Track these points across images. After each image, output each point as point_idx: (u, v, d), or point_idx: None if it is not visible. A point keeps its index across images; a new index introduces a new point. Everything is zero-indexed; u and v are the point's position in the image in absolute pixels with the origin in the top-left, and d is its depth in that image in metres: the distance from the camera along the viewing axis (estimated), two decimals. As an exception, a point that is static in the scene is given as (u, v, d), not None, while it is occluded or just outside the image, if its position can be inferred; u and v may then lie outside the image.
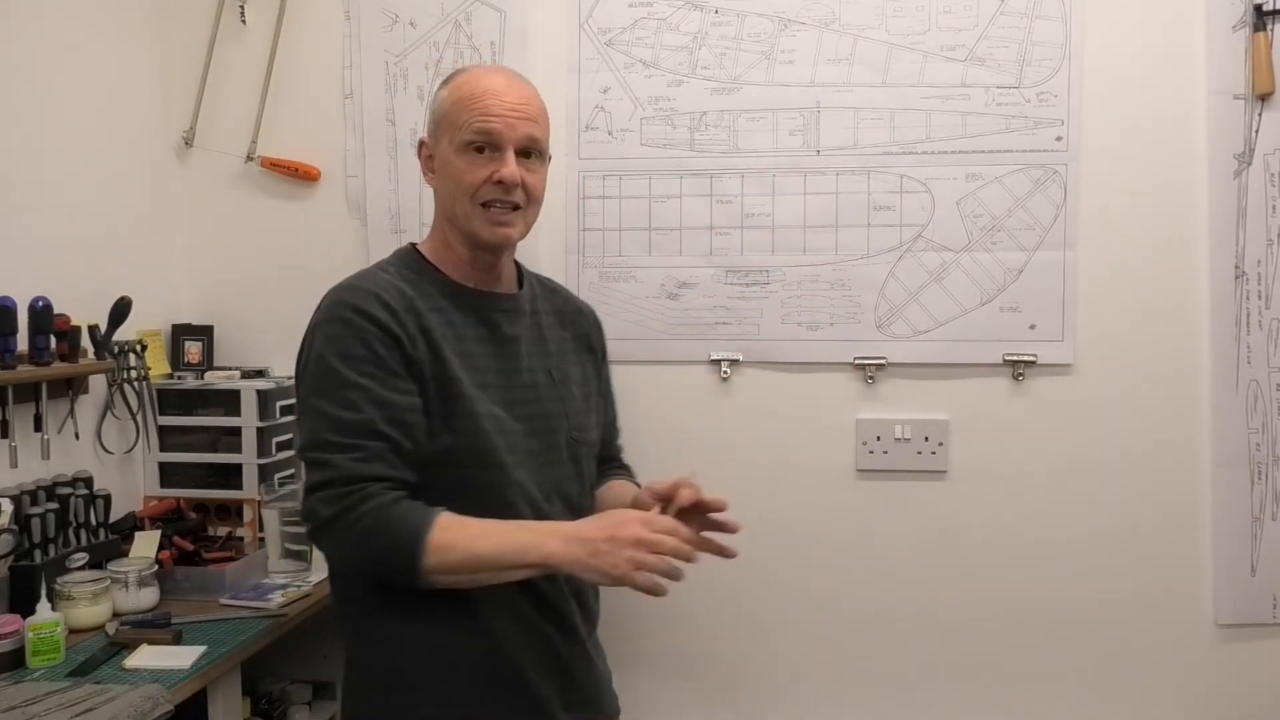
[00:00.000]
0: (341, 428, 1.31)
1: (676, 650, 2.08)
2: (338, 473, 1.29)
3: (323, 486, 1.30)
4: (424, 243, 1.50)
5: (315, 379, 1.35)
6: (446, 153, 1.43)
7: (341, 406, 1.31)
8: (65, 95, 1.91)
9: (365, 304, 1.35)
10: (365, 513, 1.28)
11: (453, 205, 1.44)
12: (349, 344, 1.34)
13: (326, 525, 1.30)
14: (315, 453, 1.31)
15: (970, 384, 1.99)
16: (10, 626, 1.52)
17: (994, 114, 1.94)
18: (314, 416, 1.33)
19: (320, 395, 1.33)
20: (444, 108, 1.44)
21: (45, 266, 1.83)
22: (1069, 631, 1.99)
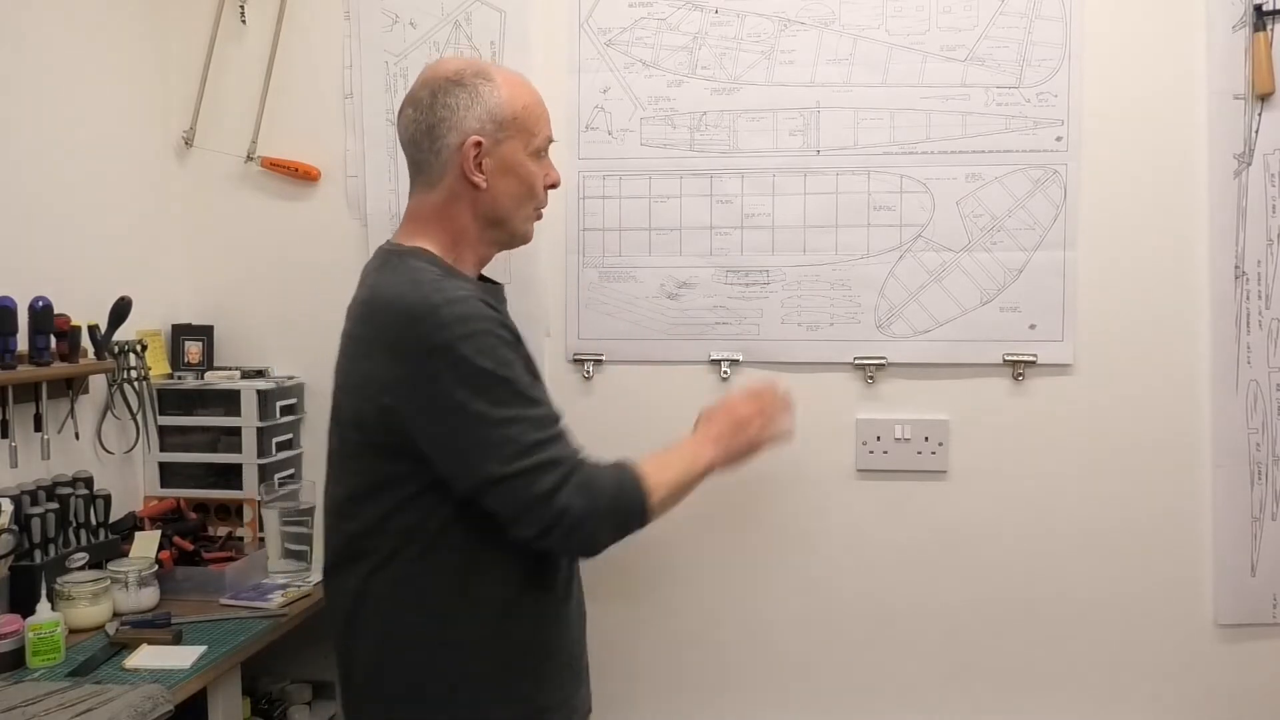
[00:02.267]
0: (542, 423, 1.33)
1: (674, 650, 2.08)
2: (567, 464, 1.33)
3: (563, 482, 1.31)
4: (422, 243, 1.45)
5: (494, 391, 1.30)
6: (517, 155, 1.45)
7: (531, 405, 1.33)
8: (65, 95, 1.91)
9: (486, 311, 1.35)
10: (602, 483, 1.35)
11: (515, 207, 1.47)
12: (500, 351, 1.33)
13: (586, 516, 1.32)
14: (532, 456, 1.30)
15: (970, 384, 1.99)
16: (10, 626, 1.52)
17: (994, 114, 1.94)
18: (509, 426, 1.30)
19: (505, 405, 1.31)
20: (511, 111, 1.44)
21: (45, 266, 1.83)
22: (1069, 631, 1.99)
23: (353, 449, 1.41)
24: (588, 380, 2.07)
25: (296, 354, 2.17)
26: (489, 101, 1.43)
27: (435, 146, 1.44)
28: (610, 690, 2.02)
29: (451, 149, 1.43)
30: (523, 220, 1.50)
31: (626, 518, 1.37)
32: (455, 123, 1.42)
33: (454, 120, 1.43)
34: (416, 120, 1.45)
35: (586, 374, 2.06)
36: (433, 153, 1.44)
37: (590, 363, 2.06)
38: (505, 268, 2.07)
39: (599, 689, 1.67)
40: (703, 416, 1.61)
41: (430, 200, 1.46)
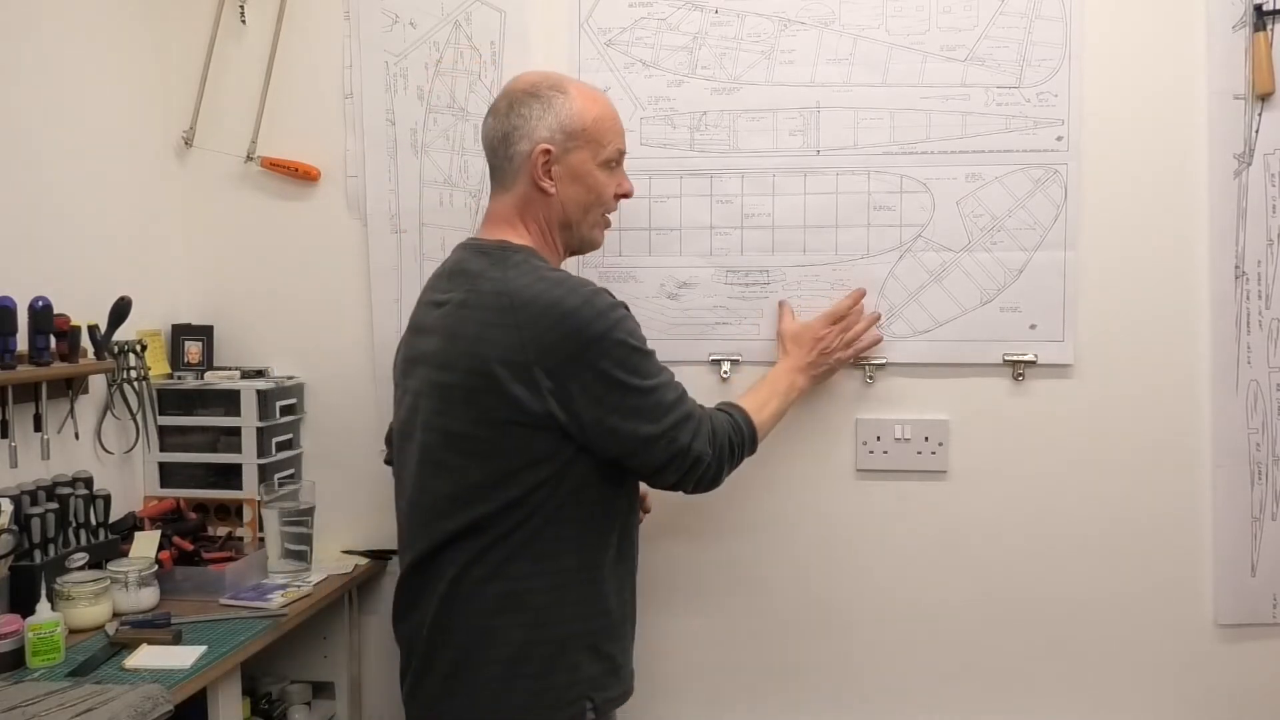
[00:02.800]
0: (674, 386, 1.55)
1: (672, 649, 2.08)
2: (696, 417, 1.55)
3: (697, 433, 1.53)
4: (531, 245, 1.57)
5: (641, 366, 1.50)
6: (586, 164, 1.57)
7: (664, 372, 1.54)
8: (65, 95, 1.91)
9: (616, 300, 1.52)
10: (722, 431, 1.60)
11: (582, 213, 1.60)
12: (637, 329, 1.52)
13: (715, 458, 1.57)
14: (673, 414, 1.51)
15: (970, 384, 1.99)
16: (10, 626, 1.52)
17: (994, 114, 1.94)
18: (655, 393, 1.51)
19: (651, 375, 1.51)
20: (583, 121, 1.56)
21: (45, 266, 1.83)
22: (1068, 631, 1.99)
23: (501, 431, 1.47)
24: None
25: (296, 354, 2.17)
26: (561, 113, 1.55)
27: (509, 153, 1.56)
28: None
29: (523, 155, 1.55)
30: (590, 227, 1.63)
31: (740, 454, 1.65)
32: (527, 131, 1.55)
33: (526, 129, 1.55)
34: (494, 128, 1.59)
35: (586, 374, 2.06)
36: (506, 158, 1.57)
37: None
38: (505, 268, 2.07)
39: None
40: (788, 338, 1.91)
41: (506, 202, 1.59)
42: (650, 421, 1.49)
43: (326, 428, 2.18)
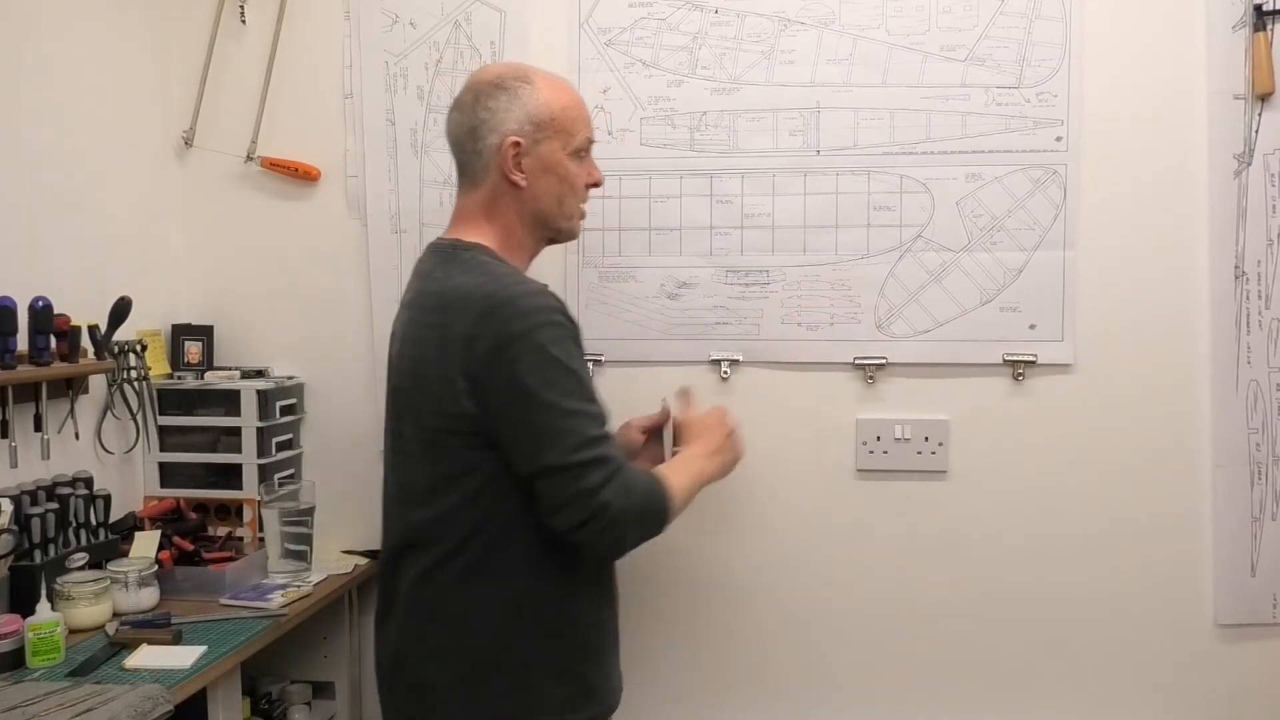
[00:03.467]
0: (598, 420, 1.40)
1: (671, 649, 2.08)
2: (613, 463, 1.38)
3: (607, 481, 1.36)
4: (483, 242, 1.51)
5: (563, 382, 1.37)
6: (556, 155, 1.52)
7: (592, 401, 1.40)
8: (65, 95, 1.91)
9: (558, 305, 1.42)
10: (637, 488, 1.41)
11: (556, 205, 1.54)
12: (570, 346, 1.41)
13: (621, 516, 1.37)
14: (588, 451, 1.36)
15: (970, 384, 1.99)
16: (10, 626, 1.52)
17: (994, 114, 1.94)
18: (573, 418, 1.37)
19: (572, 397, 1.38)
20: (550, 111, 1.51)
21: (45, 266, 1.83)
22: (1068, 631, 1.99)
23: (434, 436, 1.43)
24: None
25: (296, 354, 2.17)
26: (528, 103, 1.50)
27: (477, 147, 1.51)
28: (610, 690, 2.02)
29: (492, 149, 1.50)
30: (565, 218, 1.57)
31: (653, 523, 1.44)
32: (495, 124, 1.50)
33: (494, 122, 1.50)
34: (460, 123, 1.53)
35: (586, 374, 2.06)
36: (475, 153, 1.51)
37: (590, 362, 2.05)
38: (505, 268, 2.08)
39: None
40: (688, 430, 1.68)
41: (475, 199, 1.53)
42: (556, 450, 1.35)
43: (326, 428, 2.18)
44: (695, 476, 1.57)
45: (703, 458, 1.62)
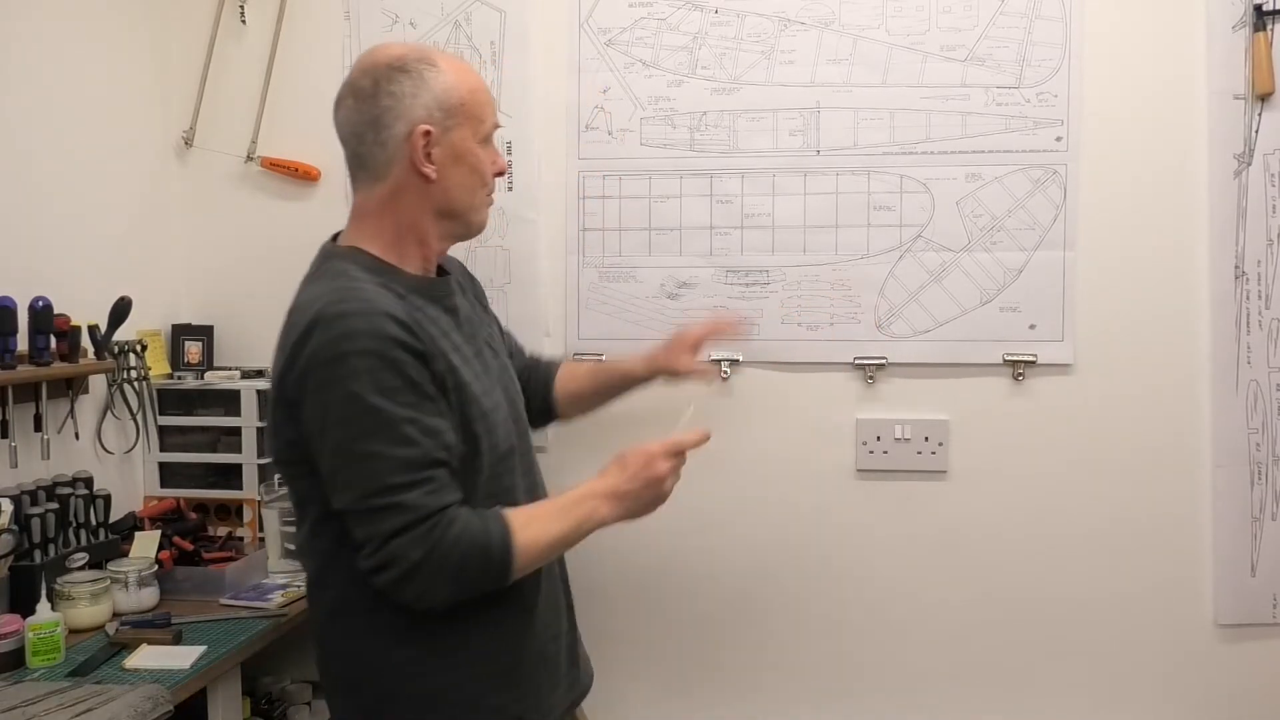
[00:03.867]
0: (405, 466, 1.24)
1: (671, 650, 2.08)
2: (416, 512, 1.24)
3: (404, 530, 1.23)
4: (360, 241, 1.39)
5: (362, 423, 1.24)
6: (466, 143, 1.38)
7: (398, 444, 1.24)
8: (65, 95, 1.91)
9: (384, 327, 1.25)
10: (455, 540, 1.25)
11: (469, 196, 1.40)
12: (383, 376, 1.24)
13: (418, 568, 1.24)
14: (383, 498, 1.24)
15: (970, 384, 1.99)
16: (10, 626, 1.52)
17: (994, 114, 1.94)
18: (368, 462, 1.24)
19: (370, 438, 1.24)
20: (458, 96, 1.37)
21: (45, 266, 1.83)
22: (1069, 631, 1.99)
23: (277, 462, 1.39)
24: (588, 380, 2.06)
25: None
26: (435, 88, 1.35)
27: (381, 138, 1.36)
28: (609, 688, 2.02)
29: (399, 140, 1.35)
30: (476, 209, 1.43)
31: (477, 578, 1.29)
32: (402, 111, 1.35)
33: (400, 109, 1.35)
34: (359, 110, 1.38)
35: (586, 374, 2.06)
36: (378, 144, 1.36)
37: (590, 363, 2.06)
38: (505, 267, 2.08)
39: (596, 686, 1.67)
40: (616, 459, 1.43)
41: (376, 195, 1.39)
42: (347, 494, 1.25)
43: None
44: (577, 522, 1.36)
45: (602, 499, 1.38)
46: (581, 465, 2.04)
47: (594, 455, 2.04)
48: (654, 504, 1.41)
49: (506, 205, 2.07)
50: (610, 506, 1.38)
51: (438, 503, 1.25)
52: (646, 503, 1.40)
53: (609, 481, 1.39)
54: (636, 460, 1.39)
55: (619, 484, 1.39)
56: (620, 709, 2.06)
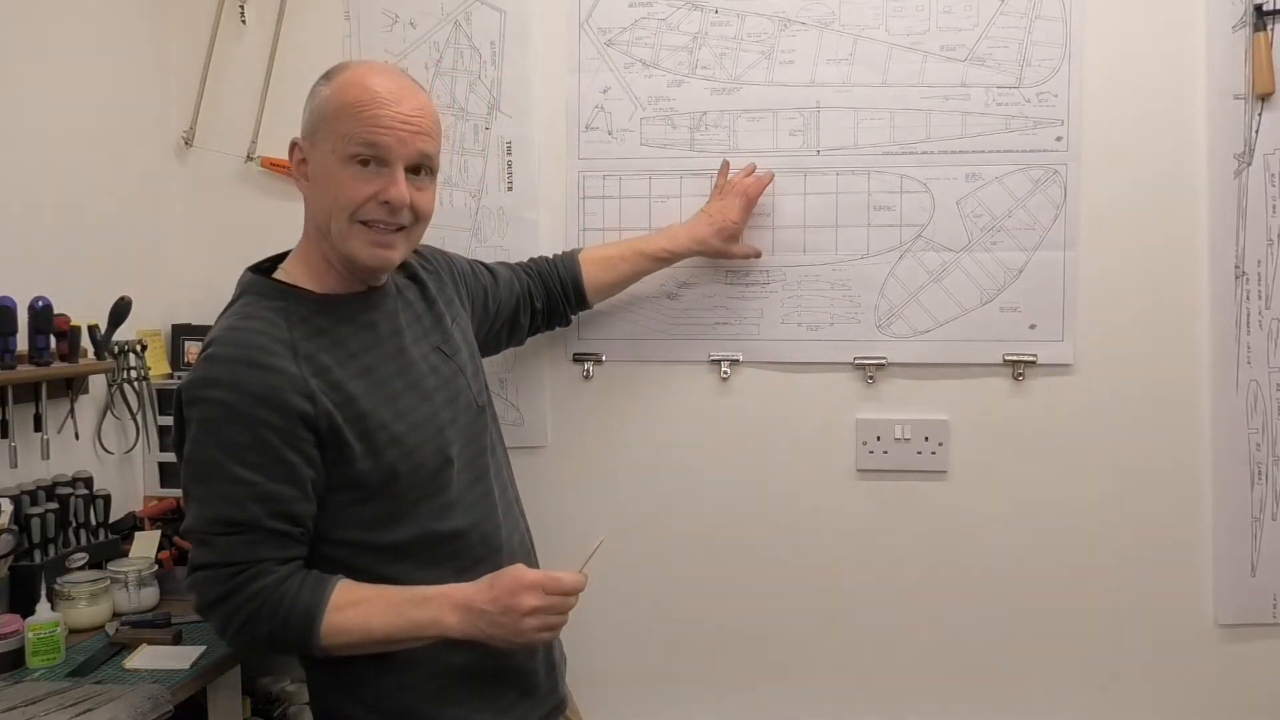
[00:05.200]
0: (224, 521, 1.27)
1: (672, 648, 2.08)
2: (221, 556, 1.27)
3: (207, 566, 1.27)
4: (291, 259, 1.43)
5: (195, 467, 1.28)
6: (326, 160, 1.33)
7: (226, 501, 1.26)
8: (65, 95, 1.90)
9: (248, 380, 1.26)
10: (253, 594, 1.26)
11: (328, 220, 1.34)
12: (229, 430, 1.25)
13: (213, 605, 1.28)
14: (198, 534, 1.29)
15: (970, 384, 1.99)
16: (10, 626, 1.52)
17: (994, 114, 1.94)
18: (197, 504, 1.29)
19: (202, 483, 1.28)
20: (326, 109, 1.33)
21: (45, 266, 1.83)
22: (1068, 631, 1.99)
23: None
24: (588, 380, 2.07)
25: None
26: (314, 101, 1.36)
27: None
28: (607, 688, 2.02)
29: None
30: (341, 237, 1.34)
31: (273, 638, 1.29)
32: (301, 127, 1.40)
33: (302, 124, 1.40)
34: None
35: (586, 374, 2.06)
36: None
37: (590, 362, 2.06)
38: (505, 268, 2.07)
39: (597, 687, 1.67)
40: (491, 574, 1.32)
41: None
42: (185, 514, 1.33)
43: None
44: (413, 624, 1.29)
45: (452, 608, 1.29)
46: (582, 465, 2.06)
47: (598, 453, 2.06)
48: (510, 638, 1.29)
49: (506, 205, 2.07)
50: (459, 618, 1.29)
51: (250, 555, 1.27)
52: (502, 631, 1.28)
53: (467, 593, 1.30)
54: (504, 583, 1.29)
55: (476, 599, 1.29)
56: (619, 709, 2.06)
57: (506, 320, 1.79)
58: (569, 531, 2.03)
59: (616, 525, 2.06)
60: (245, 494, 1.26)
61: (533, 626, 1.28)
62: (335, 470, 1.32)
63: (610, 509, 2.06)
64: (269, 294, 1.37)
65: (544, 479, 2.04)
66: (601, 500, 2.06)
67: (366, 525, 1.35)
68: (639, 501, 2.06)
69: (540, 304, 1.83)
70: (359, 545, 1.35)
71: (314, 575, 1.30)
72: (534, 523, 1.66)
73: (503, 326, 1.78)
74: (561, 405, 2.07)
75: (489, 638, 1.30)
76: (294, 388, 1.28)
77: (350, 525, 1.34)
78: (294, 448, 1.28)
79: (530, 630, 1.28)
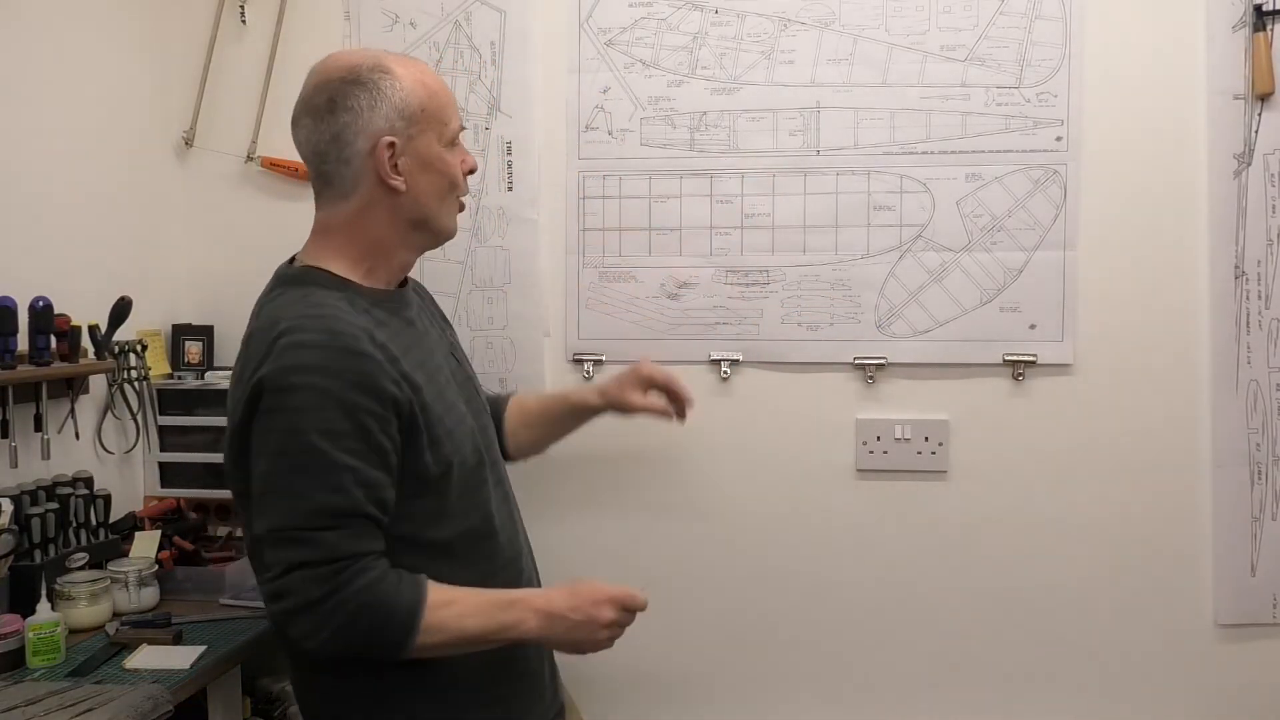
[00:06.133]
0: (329, 511, 1.22)
1: (672, 648, 2.08)
2: (326, 551, 1.21)
3: (308, 564, 1.21)
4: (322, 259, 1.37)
5: (292, 457, 1.22)
6: (433, 149, 1.35)
7: (329, 490, 1.22)
8: (65, 95, 1.90)
9: (343, 364, 1.23)
10: (360, 589, 1.22)
11: (438, 203, 1.37)
12: (331, 416, 1.22)
13: (313, 606, 1.21)
14: (297, 531, 1.22)
15: (970, 384, 1.99)
16: (10, 626, 1.52)
17: (994, 114, 1.94)
18: (293, 497, 1.22)
19: (301, 473, 1.22)
20: (418, 102, 1.33)
21: (45, 266, 1.83)
22: (1068, 631, 1.99)
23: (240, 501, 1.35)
24: (588, 380, 2.07)
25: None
26: (393, 97, 1.32)
27: (344, 155, 1.32)
28: (606, 689, 2.02)
29: (362, 155, 1.32)
30: (447, 216, 1.41)
31: (370, 637, 1.24)
32: (361, 126, 1.31)
33: (360, 124, 1.31)
34: (318, 130, 1.33)
35: (586, 374, 2.06)
36: (341, 161, 1.33)
37: (590, 363, 2.06)
38: (505, 267, 2.08)
39: (596, 689, 1.68)
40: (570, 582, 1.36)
41: (343, 212, 1.35)
42: (264, 518, 1.24)
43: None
44: (500, 626, 1.30)
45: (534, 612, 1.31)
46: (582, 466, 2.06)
47: (598, 453, 2.06)
48: (583, 645, 1.34)
49: (506, 205, 2.07)
50: (539, 622, 1.31)
51: (353, 549, 1.23)
52: (578, 639, 1.34)
53: (551, 597, 1.33)
54: (587, 593, 1.34)
55: (559, 606, 1.32)
56: (618, 710, 2.06)
57: None
58: (567, 535, 2.04)
59: (616, 526, 2.06)
60: (350, 481, 1.22)
61: (606, 637, 1.35)
62: (403, 460, 1.30)
63: (610, 510, 2.06)
64: (329, 285, 1.34)
65: (544, 480, 2.04)
66: (601, 501, 2.06)
67: (416, 521, 1.32)
68: (638, 502, 2.06)
69: None
70: (409, 541, 1.31)
71: (405, 573, 1.27)
72: (531, 525, 1.65)
73: None
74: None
75: (559, 643, 1.36)
76: (385, 373, 1.26)
77: (402, 520, 1.30)
78: (386, 434, 1.26)
79: (603, 640, 1.35)
